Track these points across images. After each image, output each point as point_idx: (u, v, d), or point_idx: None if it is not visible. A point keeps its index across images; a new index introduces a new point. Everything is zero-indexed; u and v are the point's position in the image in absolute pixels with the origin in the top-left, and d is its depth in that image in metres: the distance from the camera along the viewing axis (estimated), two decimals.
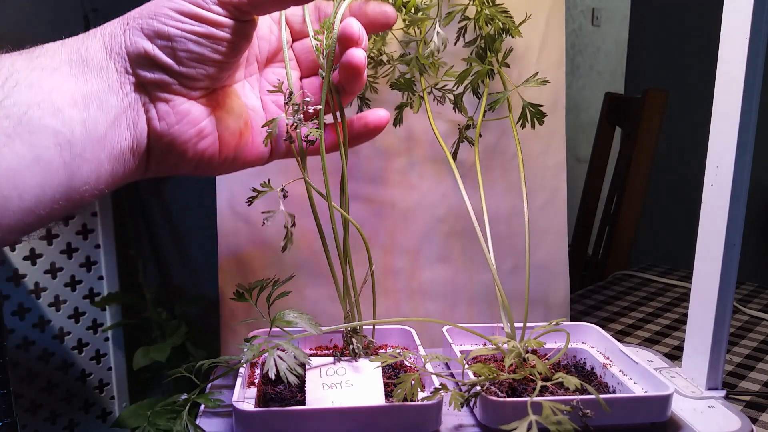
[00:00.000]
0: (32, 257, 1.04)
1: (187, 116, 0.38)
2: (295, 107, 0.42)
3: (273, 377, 0.40)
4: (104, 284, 1.14)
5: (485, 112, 0.57)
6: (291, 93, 0.43)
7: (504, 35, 0.56)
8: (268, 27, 0.44)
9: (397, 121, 0.59)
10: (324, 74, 0.43)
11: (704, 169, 0.53)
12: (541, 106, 0.53)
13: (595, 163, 1.47)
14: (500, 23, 0.55)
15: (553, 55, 0.67)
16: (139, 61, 0.36)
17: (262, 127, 0.43)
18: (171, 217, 1.29)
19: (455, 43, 0.58)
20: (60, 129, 0.33)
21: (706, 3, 2.10)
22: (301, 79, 0.46)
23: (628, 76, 2.44)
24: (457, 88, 0.57)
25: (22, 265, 1.03)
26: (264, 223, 0.44)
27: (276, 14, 0.44)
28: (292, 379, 0.42)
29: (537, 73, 0.54)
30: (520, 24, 0.56)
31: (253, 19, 0.39)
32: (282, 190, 0.46)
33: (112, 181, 0.37)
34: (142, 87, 0.37)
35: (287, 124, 0.43)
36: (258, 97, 0.44)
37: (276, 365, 0.42)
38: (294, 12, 0.45)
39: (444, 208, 0.66)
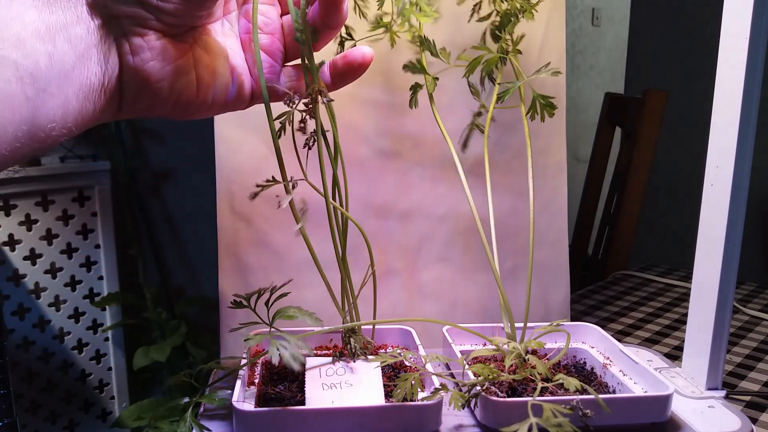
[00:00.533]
0: (32, 257, 1.04)
1: (164, 52, 0.36)
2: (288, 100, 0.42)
3: (277, 363, 0.40)
4: (104, 284, 1.14)
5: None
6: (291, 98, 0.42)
7: (521, 15, 0.55)
8: None
9: (413, 102, 0.58)
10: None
11: (704, 169, 0.53)
12: (552, 98, 0.53)
13: (595, 163, 1.48)
14: (517, 3, 0.55)
15: (553, 55, 0.67)
16: None
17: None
18: (171, 217, 1.29)
19: (468, 21, 0.57)
20: (21, 61, 0.31)
21: (706, 3, 2.10)
22: (281, 16, 0.43)
23: (628, 76, 2.44)
24: (469, 76, 0.56)
25: (22, 265, 1.03)
26: (280, 206, 0.43)
27: None
28: (296, 366, 0.41)
29: (549, 63, 0.54)
30: (536, 4, 0.55)
31: None
32: (291, 178, 0.45)
33: (81, 120, 0.35)
34: (115, 19, 0.35)
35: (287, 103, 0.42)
36: (237, 36, 0.42)
37: (280, 354, 0.42)
38: None
39: (444, 208, 0.66)
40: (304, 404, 0.45)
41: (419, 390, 0.43)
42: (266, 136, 0.62)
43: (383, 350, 0.55)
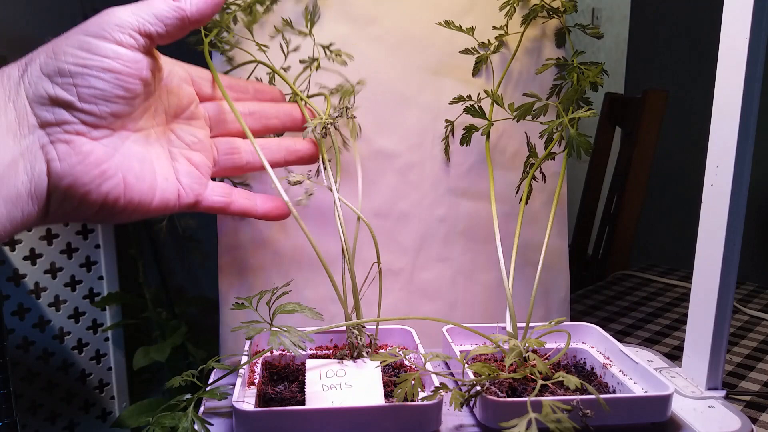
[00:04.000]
0: (32, 257, 1.04)
1: (90, 156, 0.37)
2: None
3: (278, 350, 0.40)
4: (104, 284, 1.14)
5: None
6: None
7: (589, 88, 0.57)
8: (178, 83, 0.45)
9: (465, 140, 0.62)
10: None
11: (704, 169, 0.53)
12: (589, 136, 0.54)
13: (595, 163, 1.47)
14: (590, 80, 0.57)
15: (553, 55, 0.67)
16: (39, 101, 0.36)
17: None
18: (171, 217, 1.29)
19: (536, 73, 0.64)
20: None
21: (706, 3, 2.10)
22: (212, 136, 0.48)
23: (628, 76, 2.44)
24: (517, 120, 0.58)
25: (22, 265, 1.03)
26: (289, 182, 0.51)
27: (185, 73, 0.47)
28: (299, 352, 0.41)
29: (590, 107, 0.55)
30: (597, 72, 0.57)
31: (156, 56, 0.41)
32: (309, 172, 0.50)
33: (11, 227, 0.35)
34: (41, 128, 0.36)
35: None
36: (164, 147, 0.44)
37: (281, 341, 0.42)
38: (200, 75, 0.48)
39: (444, 208, 0.66)
40: (304, 404, 0.45)
41: (419, 390, 0.43)
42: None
43: (383, 350, 0.55)
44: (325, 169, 0.51)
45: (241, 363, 0.48)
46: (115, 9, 0.39)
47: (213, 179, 0.48)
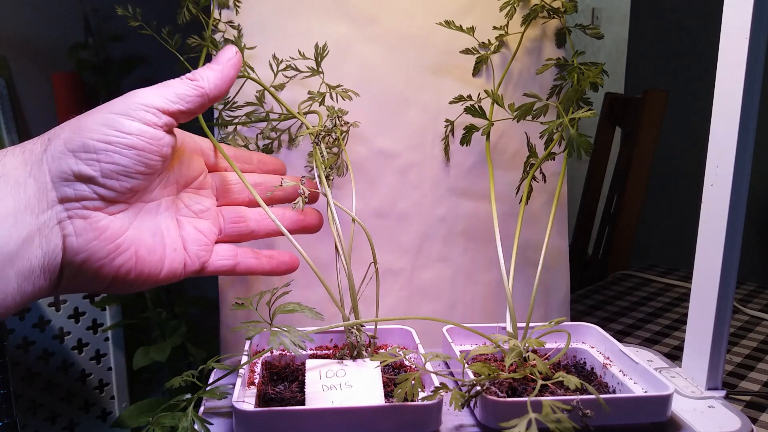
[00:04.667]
0: None
1: (105, 232, 0.38)
2: None
3: (278, 350, 0.40)
4: None
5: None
6: None
7: (589, 88, 0.57)
8: (189, 154, 0.47)
9: (465, 140, 0.61)
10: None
11: (704, 169, 0.53)
12: (589, 136, 0.54)
13: (595, 163, 1.47)
14: (590, 81, 0.57)
15: (553, 55, 0.67)
16: (61, 176, 0.36)
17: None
18: None
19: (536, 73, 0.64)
20: None
21: (706, 3, 2.10)
22: (219, 205, 0.49)
23: (628, 76, 2.44)
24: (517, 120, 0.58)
25: None
26: (281, 184, 0.50)
27: (195, 144, 0.48)
28: (299, 352, 0.41)
29: (590, 107, 0.55)
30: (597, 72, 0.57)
31: (174, 133, 0.42)
32: (303, 177, 0.50)
33: (21, 300, 0.35)
34: (60, 203, 0.37)
35: None
36: (173, 216, 0.45)
37: (281, 341, 0.42)
38: (208, 146, 0.50)
39: (444, 208, 0.66)
40: (304, 404, 0.45)
41: (419, 390, 0.43)
42: None
43: (383, 350, 0.55)
44: (324, 176, 0.52)
45: (241, 363, 0.48)
46: (139, 90, 0.40)
47: None
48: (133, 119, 0.38)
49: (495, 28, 0.64)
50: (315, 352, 0.55)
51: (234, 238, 0.49)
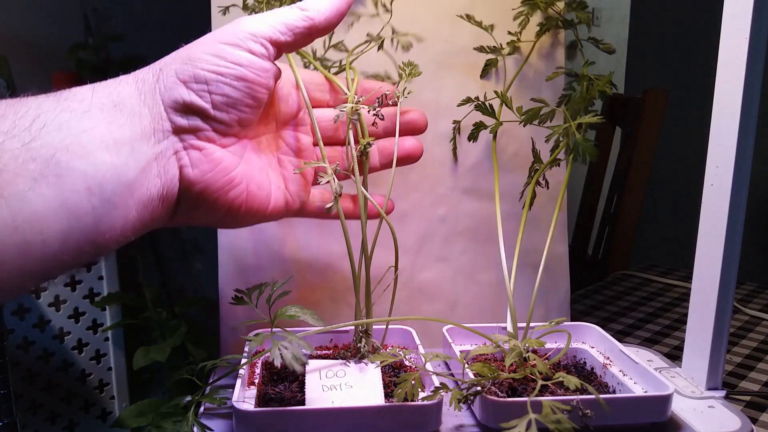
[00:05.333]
0: None
1: (220, 164, 0.38)
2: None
3: (279, 366, 0.40)
4: (104, 284, 1.14)
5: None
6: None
7: (597, 97, 0.57)
8: (288, 90, 0.46)
9: (472, 137, 0.61)
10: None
11: (704, 169, 0.53)
12: (594, 142, 0.54)
13: (595, 163, 1.47)
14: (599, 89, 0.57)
15: (561, 60, 0.67)
16: (174, 106, 0.36)
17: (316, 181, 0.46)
18: None
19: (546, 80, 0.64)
20: (90, 172, 0.32)
21: (706, 3, 2.10)
22: (314, 145, 0.48)
23: (628, 76, 2.44)
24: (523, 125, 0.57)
25: None
26: (317, 182, 0.47)
27: (293, 78, 0.46)
28: (298, 368, 0.41)
29: (595, 113, 0.55)
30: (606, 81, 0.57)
31: (278, 67, 0.41)
32: (336, 164, 0.47)
33: (139, 228, 0.36)
34: (175, 133, 0.37)
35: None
36: (274, 154, 0.45)
37: (281, 355, 0.42)
38: (310, 80, 0.48)
39: (444, 208, 0.66)
40: (304, 404, 0.45)
41: (419, 390, 0.43)
42: None
43: (383, 350, 0.55)
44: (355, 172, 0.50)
45: (241, 363, 0.48)
46: (247, 18, 0.39)
47: None
48: (242, 49, 0.38)
49: (509, 33, 0.63)
50: (315, 352, 0.55)
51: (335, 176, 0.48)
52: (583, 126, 0.53)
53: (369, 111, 0.49)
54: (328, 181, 0.46)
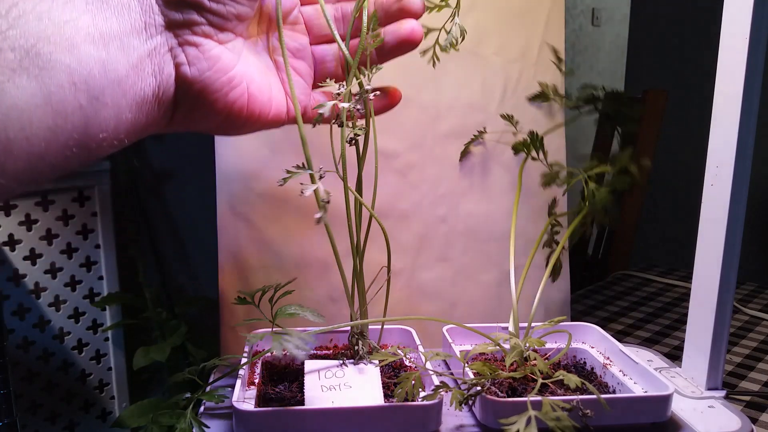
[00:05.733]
0: (32, 257, 1.04)
1: (219, 62, 0.36)
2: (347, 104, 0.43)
3: (281, 355, 0.40)
4: (104, 284, 1.14)
5: None
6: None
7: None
8: None
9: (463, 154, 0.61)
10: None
11: (704, 169, 0.53)
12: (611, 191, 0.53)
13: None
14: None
15: (553, 55, 0.67)
16: None
17: (314, 108, 0.43)
18: (171, 217, 1.29)
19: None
20: (75, 67, 0.30)
21: (706, 3, 2.10)
22: (311, 44, 0.45)
23: (628, 76, 2.44)
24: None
25: (22, 265, 1.03)
26: (302, 193, 0.43)
27: None
28: (301, 356, 0.41)
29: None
30: None
31: None
32: (320, 169, 0.45)
33: (133, 131, 0.34)
34: (169, 28, 0.35)
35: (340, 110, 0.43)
36: (272, 57, 0.43)
37: (283, 346, 0.41)
38: None
39: (444, 208, 0.66)
40: (303, 404, 0.45)
41: (420, 389, 0.43)
42: (266, 137, 0.62)
43: (383, 350, 0.55)
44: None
45: (241, 363, 0.48)
46: None
47: None
48: None
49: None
50: (315, 351, 0.55)
51: (322, 78, 0.45)
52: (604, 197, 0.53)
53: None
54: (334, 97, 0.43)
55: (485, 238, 0.67)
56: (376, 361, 0.49)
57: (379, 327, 0.55)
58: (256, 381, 0.50)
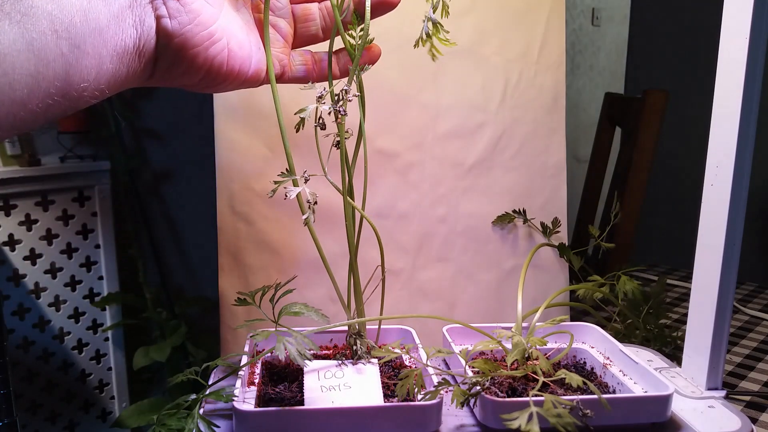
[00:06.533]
0: (32, 257, 1.04)
1: (199, 16, 0.37)
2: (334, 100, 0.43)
3: (283, 359, 0.40)
4: (104, 284, 1.14)
5: None
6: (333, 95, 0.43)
7: None
8: None
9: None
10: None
11: (704, 169, 0.53)
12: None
13: (595, 163, 1.47)
14: None
15: (553, 54, 0.67)
16: None
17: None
18: (171, 217, 1.29)
19: None
20: (56, 14, 0.31)
21: (706, 3, 2.10)
22: (292, 2, 0.45)
23: (628, 76, 2.43)
24: None
25: (22, 265, 1.03)
26: (286, 197, 0.43)
27: None
28: (302, 363, 0.41)
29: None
30: None
31: None
32: (304, 173, 0.45)
33: (114, 82, 0.35)
34: None
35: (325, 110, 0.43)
36: (252, 14, 0.43)
37: (286, 349, 0.41)
38: None
39: (444, 208, 0.66)
40: (303, 404, 0.45)
41: (421, 388, 0.43)
42: (266, 137, 0.62)
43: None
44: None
45: (242, 363, 0.48)
46: None
47: None
48: None
49: None
50: (315, 352, 0.55)
51: (304, 40, 0.46)
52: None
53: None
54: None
55: (485, 238, 0.67)
56: (375, 360, 0.49)
57: (380, 327, 0.55)
58: (256, 381, 0.50)
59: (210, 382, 0.50)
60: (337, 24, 0.44)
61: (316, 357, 0.53)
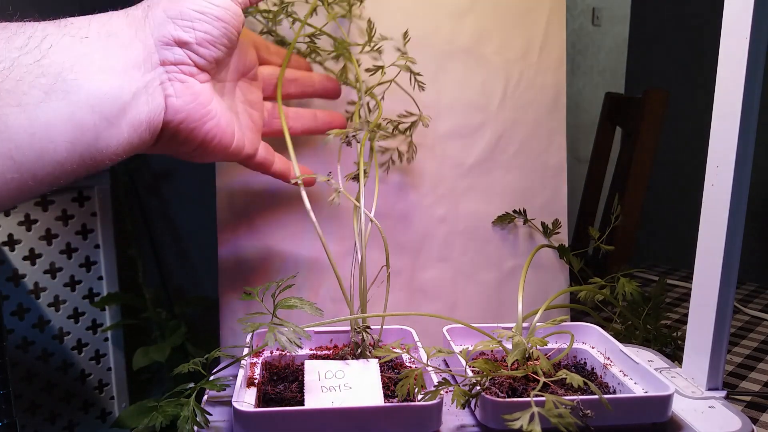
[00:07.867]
0: (32, 257, 1.04)
1: (199, 97, 0.43)
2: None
3: (275, 347, 0.40)
4: (104, 284, 1.14)
5: None
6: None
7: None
8: (247, 43, 0.51)
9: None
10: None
11: (704, 169, 0.53)
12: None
13: (595, 163, 1.47)
14: None
15: (554, 54, 0.67)
16: (162, 40, 0.41)
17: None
18: (171, 217, 1.29)
19: None
20: (93, 92, 0.37)
21: (706, 3, 2.10)
22: (264, 99, 0.53)
23: (628, 76, 2.44)
24: None
25: (21, 265, 1.03)
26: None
27: (251, 36, 0.52)
28: (294, 350, 0.42)
29: None
30: None
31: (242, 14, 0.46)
32: (329, 174, 0.52)
33: (128, 149, 0.40)
34: (162, 65, 0.41)
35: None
36: (234, 101, 0.50)
37: (277, 338, 0.42)
38: (256, 39, 0.53)
39: (444, 208, 0.66)
40: (303, 404, 0.45)
41: (421, 388, 0.43)
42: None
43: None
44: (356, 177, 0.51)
45: (243, 355, 0.48)
46: None
47: None
48: None
49: None
50: (315, 352, 0.55)
51: (273, 133, 0.54)
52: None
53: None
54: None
55: (485, 238, 0.67)
56: (375, 360, 0.49)
57: (380, 327, 0.55)
58: (256, 381, 0.50)
59: (209, 375, 0.50)
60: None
61: (317, 357, 0.53)
